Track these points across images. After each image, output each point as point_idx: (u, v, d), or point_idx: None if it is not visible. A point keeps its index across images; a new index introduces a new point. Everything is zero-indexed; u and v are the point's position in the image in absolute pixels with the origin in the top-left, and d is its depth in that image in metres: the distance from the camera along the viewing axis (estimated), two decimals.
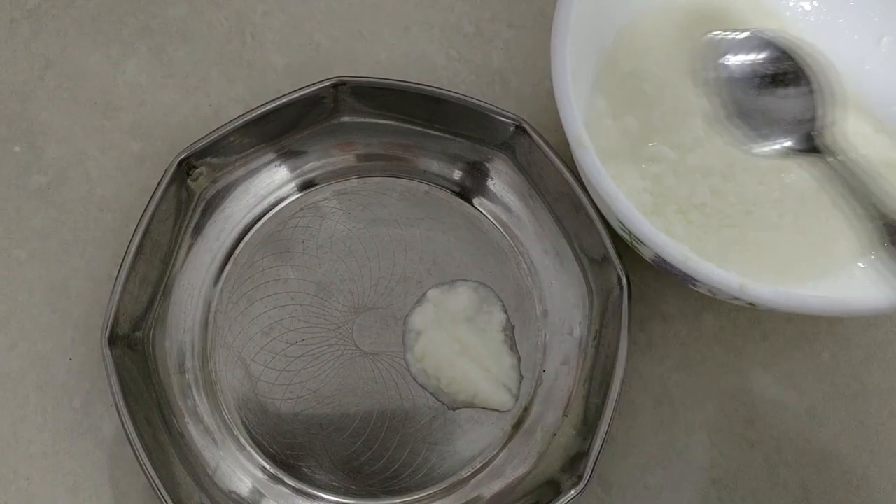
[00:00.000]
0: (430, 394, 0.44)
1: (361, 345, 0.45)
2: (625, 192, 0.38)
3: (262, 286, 0.46)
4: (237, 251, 0.46)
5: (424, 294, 0.46)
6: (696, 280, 0.39)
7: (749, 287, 0.37)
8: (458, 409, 0.44)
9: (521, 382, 0.45)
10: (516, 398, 0.44)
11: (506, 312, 0.45)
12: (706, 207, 0.43)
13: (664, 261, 0.39)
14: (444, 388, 0.44)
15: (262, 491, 0.43)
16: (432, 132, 0.46)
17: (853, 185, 0.35)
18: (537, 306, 0.46)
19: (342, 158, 0.47)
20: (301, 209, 0.47)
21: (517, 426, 0.44)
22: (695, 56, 0.38)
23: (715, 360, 0.46)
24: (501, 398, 0.44)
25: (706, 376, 0.46)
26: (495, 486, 0.43)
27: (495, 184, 0.47)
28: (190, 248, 0.45)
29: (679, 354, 0.46)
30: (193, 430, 0.43)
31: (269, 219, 0.47)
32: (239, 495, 0.43)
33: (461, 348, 0.44)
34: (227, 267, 0.46)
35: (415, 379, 0.44)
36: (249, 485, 0.43)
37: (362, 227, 0.47)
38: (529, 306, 0.46)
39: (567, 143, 0.40)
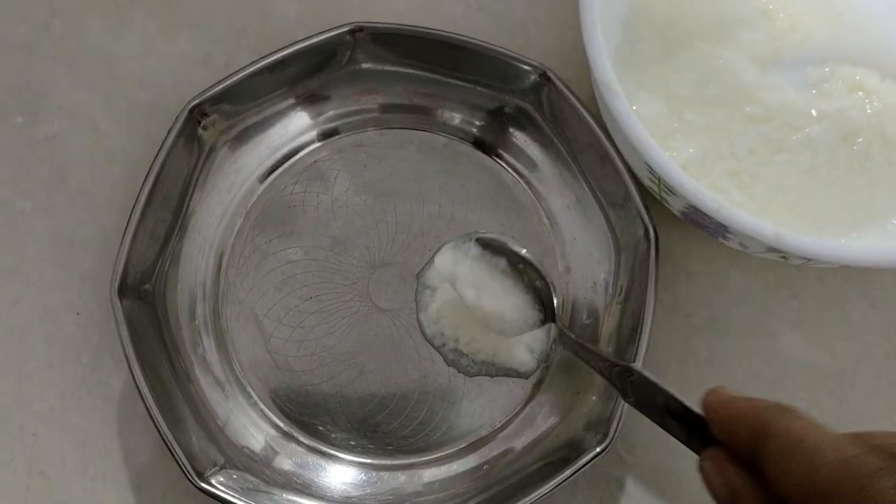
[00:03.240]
0: (449, 362, 0.42)
1: (378, 301, 0.44)
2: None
3: (275, 240, 0.44)
4: (250, 204, 0.45)
5: (441, 249, 0.44)
6: (728, 230, 0.37)
7: (785, 236, 0.36)
8: (476, 375, 0.42)
9: (546, 344, 0.43)
10: (539, 361, 0.42)
11: None
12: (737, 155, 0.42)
13: (696, 210, 0.37)
14: (462, 349, 0.42)
15: (276, 448, 0.42)
16: (454, 81, 0.45)
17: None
18: (559, 262, 0.44)
19: (362, 107, 0.46)
20: (316, 161, 0.45)
21: (538, 385, 0.43)
22: None
23: (742, 319, 0.45)
24: (523, 358, 0.42)
25: (733, 336, 0.44)
26: (517, 444, 0.42)
27: (516, 135, 0.45)
28: (201, 199, 0.44)
29: (705, 313, 0.45)
30: (204, 383, 0.42)
31: (283, 171, 0.45)
32: (252, 450, 0.41)
33: None
34: (240, 220, 0.44)
35: (430, 342, 0.43)
36: (262, 441, 0.42)
37: (379, 181, 0.45)
38: (551, 263, 0.44)
39: (591, 96, 0.39)
